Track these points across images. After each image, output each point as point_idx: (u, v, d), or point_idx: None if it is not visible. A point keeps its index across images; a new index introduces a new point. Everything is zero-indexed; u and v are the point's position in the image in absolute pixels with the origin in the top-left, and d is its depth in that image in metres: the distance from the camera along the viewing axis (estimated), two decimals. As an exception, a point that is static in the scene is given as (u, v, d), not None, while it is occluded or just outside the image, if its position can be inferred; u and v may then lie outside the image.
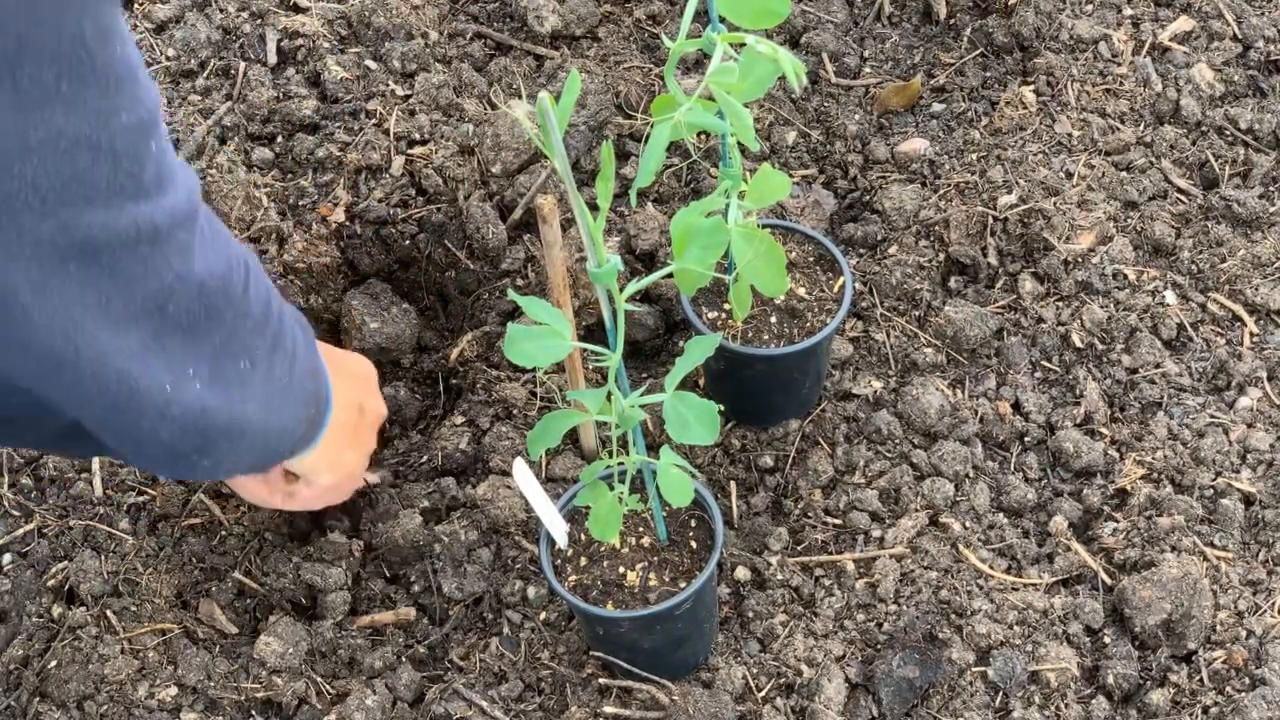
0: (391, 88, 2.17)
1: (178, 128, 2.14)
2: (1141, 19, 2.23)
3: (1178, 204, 2.04)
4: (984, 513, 1.77)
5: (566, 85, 1.19)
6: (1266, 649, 1.63)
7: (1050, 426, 1.85)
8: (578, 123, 2.10)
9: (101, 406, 1.16)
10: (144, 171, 1.08)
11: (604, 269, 1.24)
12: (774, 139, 2.13)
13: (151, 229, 1.09)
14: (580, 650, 1.68)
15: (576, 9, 2.27)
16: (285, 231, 2.04)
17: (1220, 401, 1.86)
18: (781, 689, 1.63)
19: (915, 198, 2.04)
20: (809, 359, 1.76)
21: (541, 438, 1.40)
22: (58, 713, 1.64)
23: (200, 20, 2.24)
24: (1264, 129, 2.10)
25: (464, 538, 1.76)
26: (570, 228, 1.95)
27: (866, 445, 1.83)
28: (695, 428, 1.33)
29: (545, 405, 1.88)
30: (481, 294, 2.02)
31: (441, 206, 2.05)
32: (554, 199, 1.49)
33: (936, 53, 2.27)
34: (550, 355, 1.31)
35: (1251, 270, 1.96)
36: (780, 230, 1.81)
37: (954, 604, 1.67)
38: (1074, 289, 1.94)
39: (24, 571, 1.80)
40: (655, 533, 1.58)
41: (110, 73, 1.03)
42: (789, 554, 1.74)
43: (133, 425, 1.18)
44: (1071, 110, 2.12)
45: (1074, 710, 1.60)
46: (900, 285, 1.95)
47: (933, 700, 1.61)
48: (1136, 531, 1.73)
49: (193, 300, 1.15)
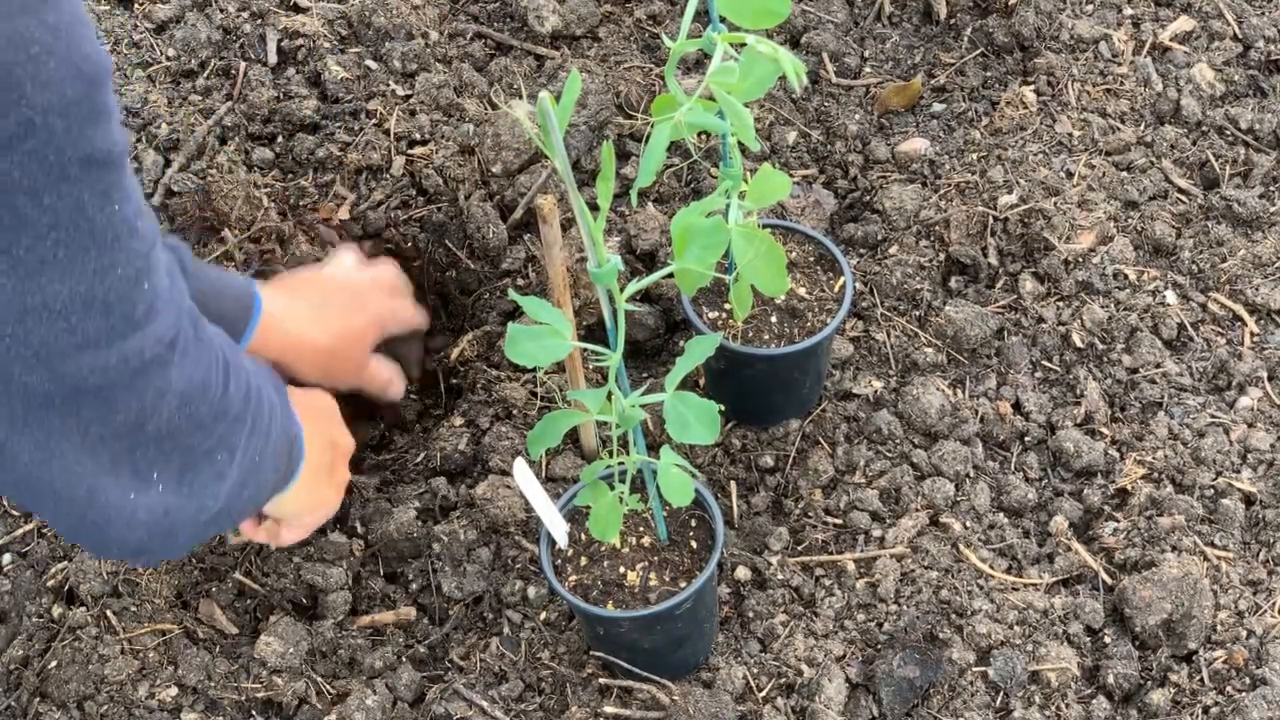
0: (392, 88, 2.17)
1: (178, 128, 2.14)
2: (1142, 19, 2.23)
3: (1178, 204, 2.04)
4: (984, 513, 1.77)
5: (567, 85, 1.19)
6: (1267, 649, 1.63)
7: (1051, 426, 1.85)
8: (578, 123, 2.10)
9: (68, 517, 1.15)
10: (135, 311, 1.08)
11: (604, 269, 1.24)
12: (774, 139, 2.13)
13: (139, 360, 1.09)
14: (580, 650, 1.68)
15: (577, 9, 2.27)
16: (286, 232, 2.04)
17: (1221, 401, 1.86)
18: (782, 689, 1.63)
19: (915, 198, 2.04)
20: (809, 359, 1.76)
21: (542, 438, 1.40)
22: (58, 713, 1.64)
23: (200, 20, 2.24)
24: (1264, 129, 2.10)
25: (464, 537, 1.76)
26: (571, 227, 1.95)
27: (867, 445, 1.83)
28: (695, 427, 1.33)
29: (545, 405, 1.88)
30: (482, 294, 2.02)
31: (442, 206, 2.05)
32: (554, 199, 1.49)
33: (937, 53, 2.27)
34: (551, 355, 1.31)
35: (1252, 270, 1.96)
36: (780, 230, 1.81)
37: (954, 604, 1.67)
38: (1074, 289, 1.94)
39: (24, 571, 1.80)
40: (655, 532, 1.58)
41: (109, 233, 1.03)
42: (789, 554, 1.74)
43: (98, 533, 1.17)
44: (1072, 110, 2.12)
45: (1074, 710, 1.60)
46: (900, 285, 1.95)
47: (933, 700, 1.61)
48: (1137, 531, 1.73)
49: (174, 413, 1.15)
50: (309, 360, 1.72)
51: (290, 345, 1.68)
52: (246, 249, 2.04)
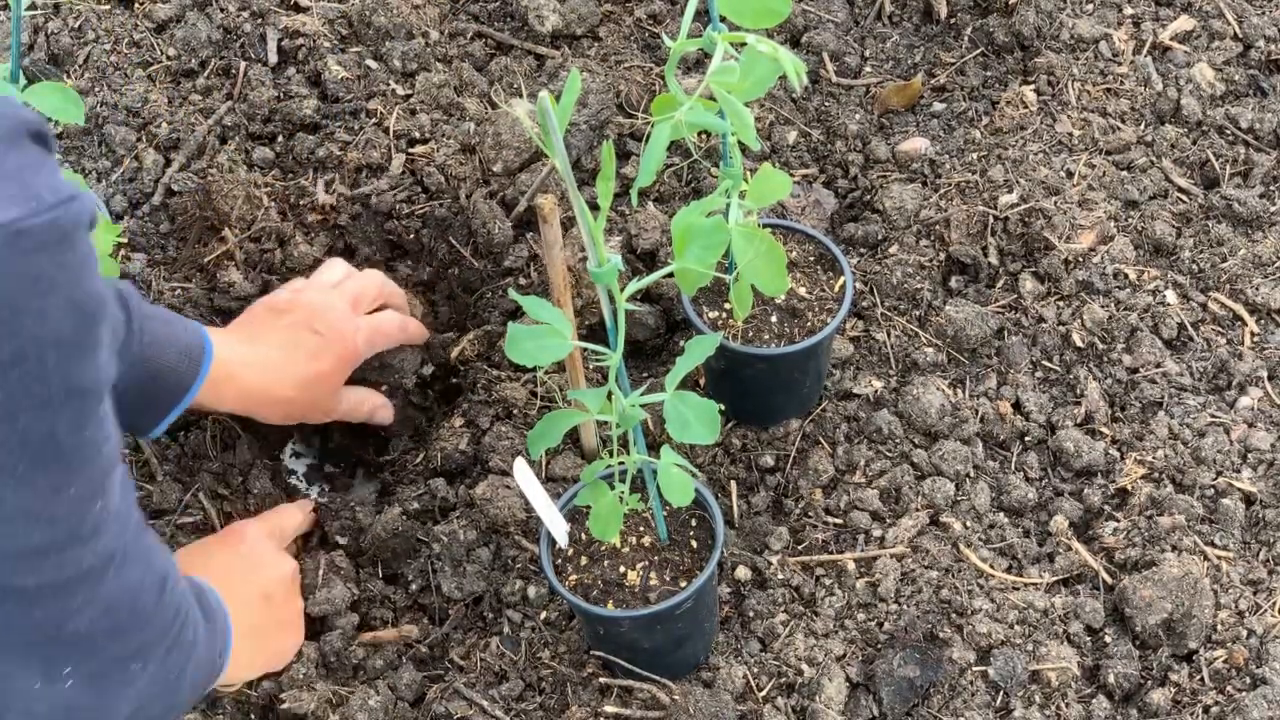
0: (392, 87, 2.17)
1: (178, 127, 2.14)
2: (1142, 18, 2.23)
3: (1178, 203, 2.03)
4: (984, 512, 1.77)
5: (567, 85, 1.19)
6: (1267, 648, 1.63)
7: (1051, 426, 1.85)
8: (578, 122, 2.10)
9: None
10: (82, 528, 1.06)
11: (605, 268, 1.24)
12: (774, 138, 2.13)
13: (75, 570, 1.08)
14: (581, 650, 1.68)
15: (577, 8, 2.27)
16: (286, 232, 2.04)
17: (1221, 401, 1.85)
18: (782, 688, 1.63)
19: (916, 197, 2.04)
20: (809, 358, 1.76)
21: (542, 437, 1.40)
22: (58, 712, 1.64)
23: (201, 20, 2.24)
24: (1265, 128, 2.10)
25: (463, 537, 1.76)
26: (571, 227, 1.95)
27: (867, 445, 1.83)
28: (695, 427, 1.33)
29: (545, 405, 1.88)
30: (484, 292, 2.02)
31: (444, 203, 2.05)
32: (554, 198, 1.49)
33: (937, 52, 2.27)
34: (551, 355, 1.31)
35: (1252, 270, 1.96)
36: (781, 230, 1.81)
37: (954, 603, 1.67)
38: (1075, 288, 1.94)
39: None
40: (656, 532, 1.58)
41: (74, 456, 1.02)
42: (789, 553, 1.74)
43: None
44: (1072, 110, 2.11)
45: (1074, 710, 1.60)
46: (901, 285, 1.95)
47: (933, 700, 1.61)
48: (1137, 531, 1.73)
49: (96, 620, 1.12)
50: (270, 411, 1.69)
51: (248, 396, 1.64)
52: (246, 249, 2.04)
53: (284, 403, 1.69)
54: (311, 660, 1.68)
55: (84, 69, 2.19)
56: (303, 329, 1.71)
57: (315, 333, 1.70)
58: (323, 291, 1.78)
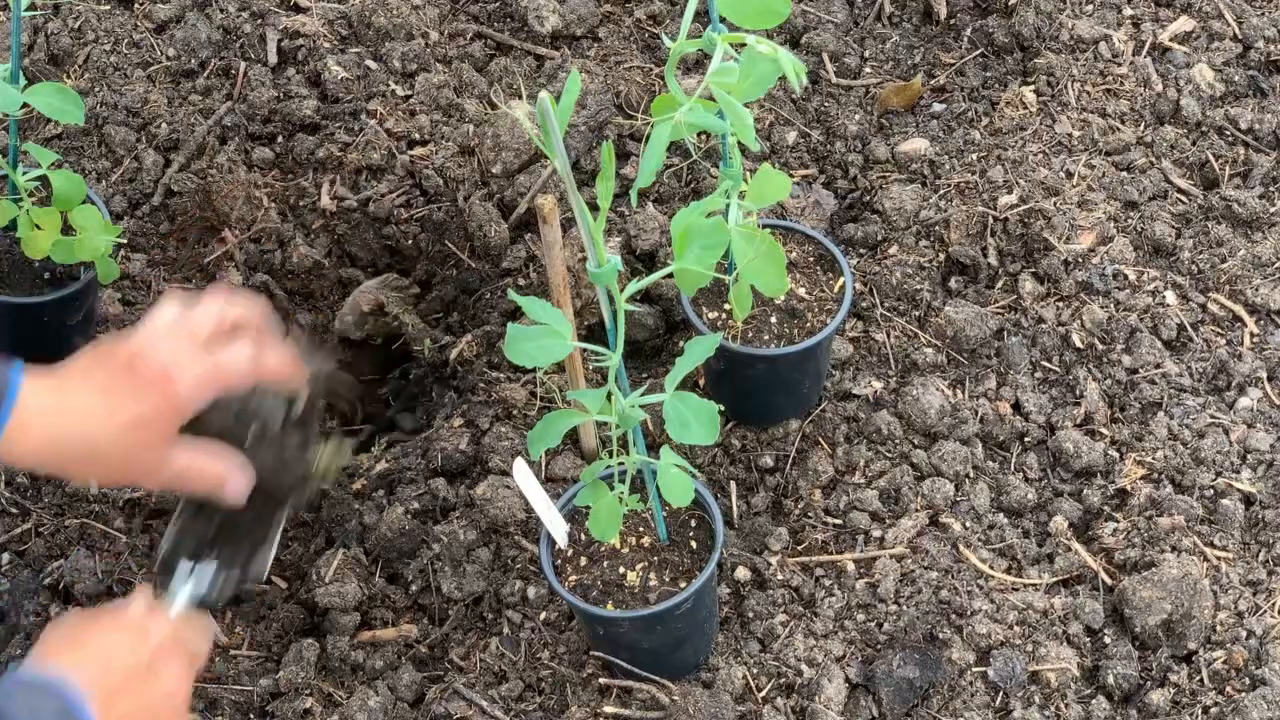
0: (392, 88, 2.17)
1: (178, 128, 2.14)
2: (1142, 19, 2.23)
3: (1178, 204, 2.03)
4: (984, 513, 1.77)
5: (567, 85, 1.19)
6: (1266, 649, 1.63)
7: (1050, 426, 1.85)
8: (578, 123, 2.10)
9: None
10: None
11: (604, 269, 1.24)
12: (774, 139, 2.13)
13: None
14: (580, 650, 1.68)
15: (577, 9, 2.27)
16: (286, 233, 2.04)
17: (1220, 402, 1.85)
18: (782, 689, 1.63)
19: (915, 198, 2.04)
20: (809, 359, 1.76)
21: (541, 438, 1.40)
22: (58, 712, 1.64)
23: (201, 20, 2.24)
24: (1264, 129, 2.10)
25: (463, 537, 1.76)
26: (571, 228, 1.95)
27: (867, 445, 1.83)
28: (695, 428, 1.33)
29: (545, 405, 1.88)
30: (484, 293, 2.02)
31: (443, 205, 2.05)
32: (554, 199, 1.49)
33: (937, 53, 2.27)
34: (550, 355, 1.31)
35: (1252, 270, 1.96)
36: (780, 230, 1.81)
37: (954, 604, 1.67)
38: (1074, 289, 1.94)
39: (21, 570, 1.79)
40: (655, 533, 1.58)
41: None
42: (789, 554, 1.74)
43: None
44: (1072, 110, 2.12)
45: (1074, 710, 1.60)
46: (900, 285, 1.95)
47: (933, 700, 1.61)
48: (1137, 531, 1.73)
49: None
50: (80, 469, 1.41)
51: (54, 445, 1.35)
52: (246, 249, 2.05)
53: (94, 459, 1.38)
54: (311, 660, 1.68)
55: (84, 69, 2.20)
56: (119, 373, 1.39)
57: (134, 373, 1.38)
58: (153, 329, 1.43)
